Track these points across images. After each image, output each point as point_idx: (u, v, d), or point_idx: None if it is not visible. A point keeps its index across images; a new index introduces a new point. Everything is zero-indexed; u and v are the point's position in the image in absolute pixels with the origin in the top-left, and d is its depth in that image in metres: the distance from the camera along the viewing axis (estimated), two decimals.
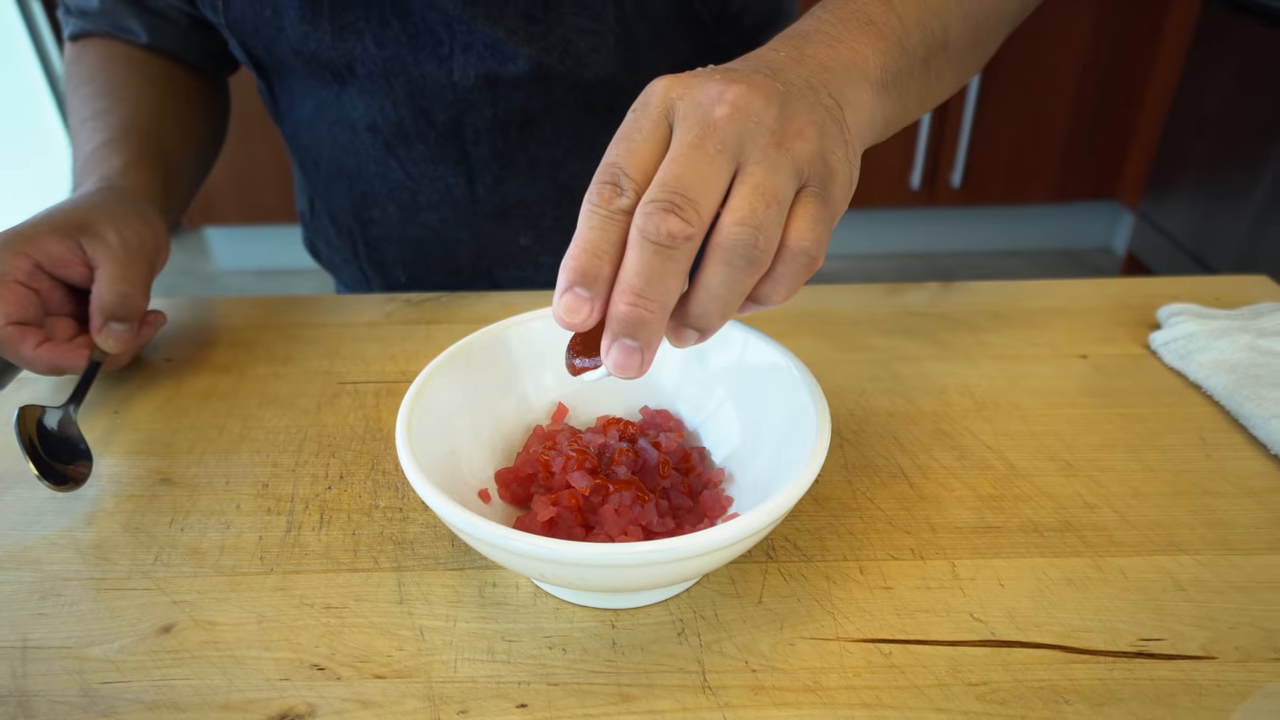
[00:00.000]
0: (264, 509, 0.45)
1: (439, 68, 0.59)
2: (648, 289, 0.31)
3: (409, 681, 0.36)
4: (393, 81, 0.61)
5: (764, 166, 0.32)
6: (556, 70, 0.59)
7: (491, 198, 0.65)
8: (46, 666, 0.37)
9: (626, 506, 0.39)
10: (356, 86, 0.62)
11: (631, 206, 0.31)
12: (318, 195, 0.73)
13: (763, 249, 0.31)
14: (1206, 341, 0.55)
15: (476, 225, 0.67)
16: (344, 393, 0.55)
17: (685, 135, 0.32)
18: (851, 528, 0.44)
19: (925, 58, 0.43)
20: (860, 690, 0.36)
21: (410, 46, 0.59)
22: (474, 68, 0.59)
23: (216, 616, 0.39)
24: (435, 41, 0.59)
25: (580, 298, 0.31)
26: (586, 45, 0.59)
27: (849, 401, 0.53)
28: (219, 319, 0.64)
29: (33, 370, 0.52)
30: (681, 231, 0.30)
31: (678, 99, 0.33)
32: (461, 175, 0.64)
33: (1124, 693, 0.35)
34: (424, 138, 0.63)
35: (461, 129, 0.62)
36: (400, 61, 0.60)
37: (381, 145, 0.64)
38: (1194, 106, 2.04)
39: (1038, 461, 0.48)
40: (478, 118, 0.62)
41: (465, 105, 0.61)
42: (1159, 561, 0.41)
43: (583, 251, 0.31)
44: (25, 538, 0.44)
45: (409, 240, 0.69)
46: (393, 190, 0.67)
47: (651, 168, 0.32)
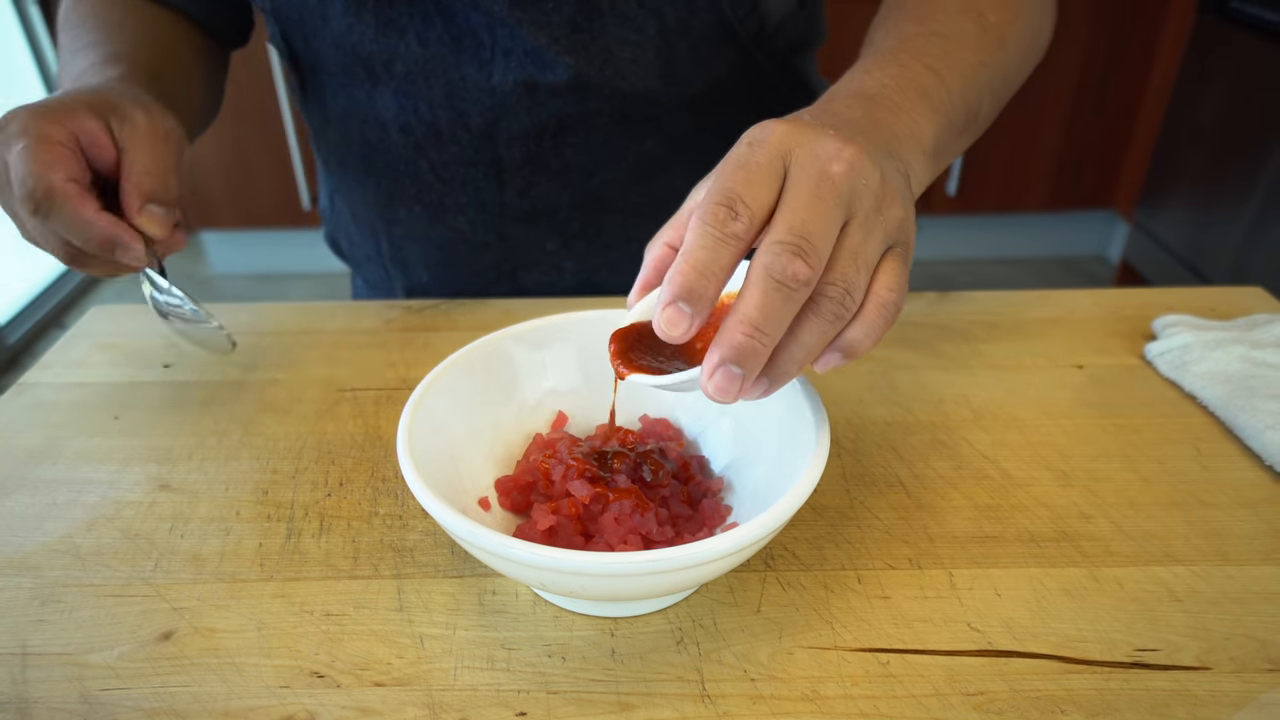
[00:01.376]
0: (264, 516, 0.46)
1: (479, 71, 0.60)
2: (765, 324, 0.32)
3: (409, 689, 0.36)
4: (432, 82, 0.61)
5: (862, 231, 0.34)
6: (595, 80, 0.60)
7: (520, 202, 0.66)
8: (46, 673, 0.37)
9: (626, 515, 0.39)
10: (392, 86, 0.62)
11: (744, 233, 0.32)
12: (340, 192, 0.73)
13: (848, 307, 0.33)
14: (1202, 353, 0.56)
15: (504, 228, 0.67)
16: (344, 400, 0.55)
17: (806, 183, 0.33)
18: (849, 537, 0.44)
19: (962, 129, 0.47)
20: (858, 699, 0.36)
21: (453, 48, 0.59)
22: (514, 73, 0.60)
23: (216, 623, 0.39)
24: (477, 44, 0.59)
25: (683, 313, 0.32)
26: (627, 57, 0.59)
27: (847, 411, 0.54)
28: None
29: (85, 242, 0.47)
30: (805, 277, 0.32)
31: (796, 147, 0.34)
32: (492, 178, 0.65)
33: (1120, 703, 0.35)
34: (458, 139, 0.63)
35: (496, 133, 0.62)
36: (441, 62, 0.60)
37: (412, 146, 0.64)
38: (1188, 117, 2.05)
39: (1034, 471, 0.48)
40: (513, 123, 0.62)
41: (502, 110, 0.61)
42: (1155, 572, 0.42)
43: (692, 269, 0.32)
44: (25, 544, 0.44)
45: (434, 241, 0.69)
46: (421, 191, 0.67)
47: (766, 202, 0.33)
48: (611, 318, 0.48)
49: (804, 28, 0.68)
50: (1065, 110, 2.19)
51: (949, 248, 2.54)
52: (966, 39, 0.49)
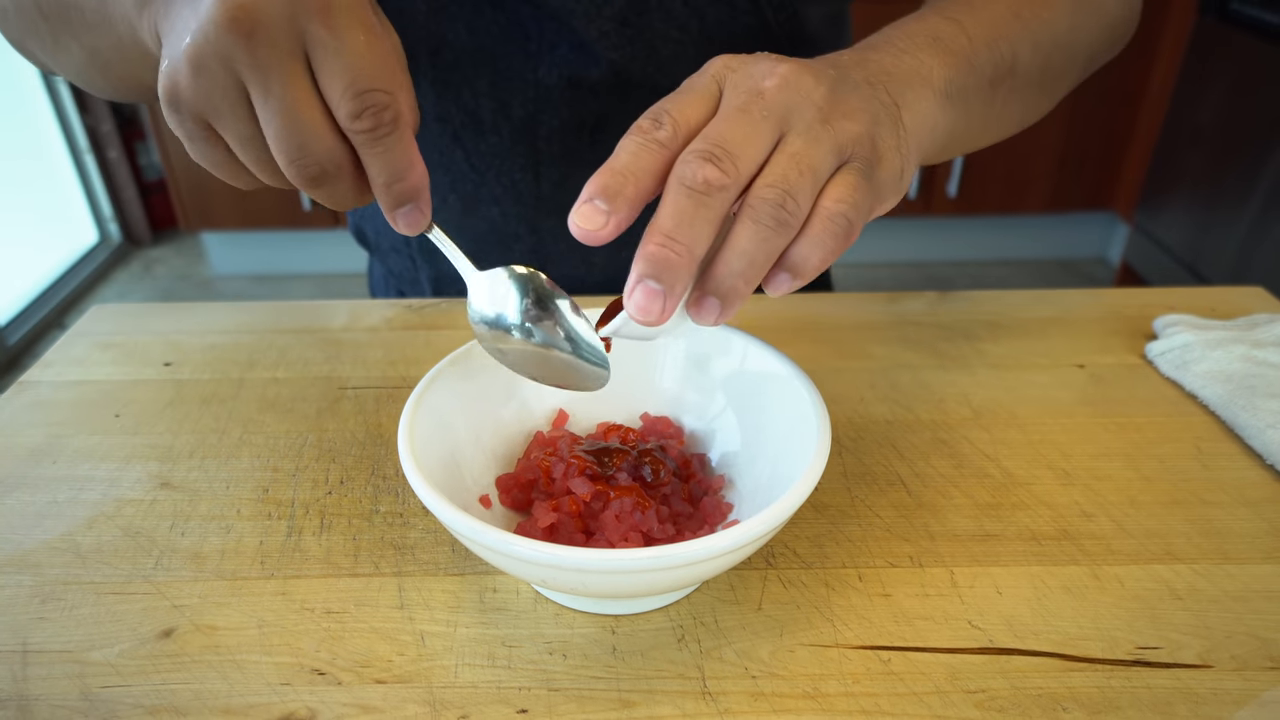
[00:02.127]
0: (264, 514, 0.46)
1: (525, 63, 0.60)
2: (677, 231, 0.31)
3: (410, 686, 0.36)
4: (478, 70, 0.61)
5: (804, 138, 0.33)
6: (636, 77, 0.60)
7: (555, 195, 0.66)
8: (47, 670, 0.37)
9: (627, 513, 0.39)
10: (433, 75, 0.61)
11: (668, 140, 0.32)
12: None
13: (790, 212, 0.32)
14: (1202, 352, 0.56)
15: (536, 221, 0.67)
16: (344, 398, 0.55)
17: (733, 99, 0.33)
18: (850, 535, 0.44)
19: (992, 79, 0.45)
20: (859, 697, 0.36)
21: (500, 38, 0.59)
22: (558, 67, 0.60)
23: (217, 621, 0.39)
24: (524, 36, 0.59)
25: (598, 209, 0.32)
26: (668, 53, 0.60)
27: (848, 409, 0.54)
28: (218, 323, 0.64)
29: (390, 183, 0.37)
30: (717, 181, 0.31)
31: (731, 71, 0.34)
32: (529, 171, 0.65)
33: (1122, 701, 0.35)
34: (498, 130, 0.63)
35: (536, 126, 0.62)
36: (488, 52, 0.60)
37: (449, 135, 0.64)
38: (1188, 118, 2.06)
39: (1035, 470, 0.48)
40: (554, 117, 0.62)
41: (544, 103, 0.61)
42: (1156, 571, 0.42)
43: (609, 170, 0.32)
44: (25, 542, 0.44)
45: (466, 232, 0.69)
46: (455, 181, 0.67)
47: (695, 120, 0.33)
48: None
49: (834, 33, 0.68)
50: (1065, 111, 2.20)
51: (949, 249, 2.54)
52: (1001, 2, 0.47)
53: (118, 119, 2.49)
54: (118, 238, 2.65)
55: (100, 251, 2.58)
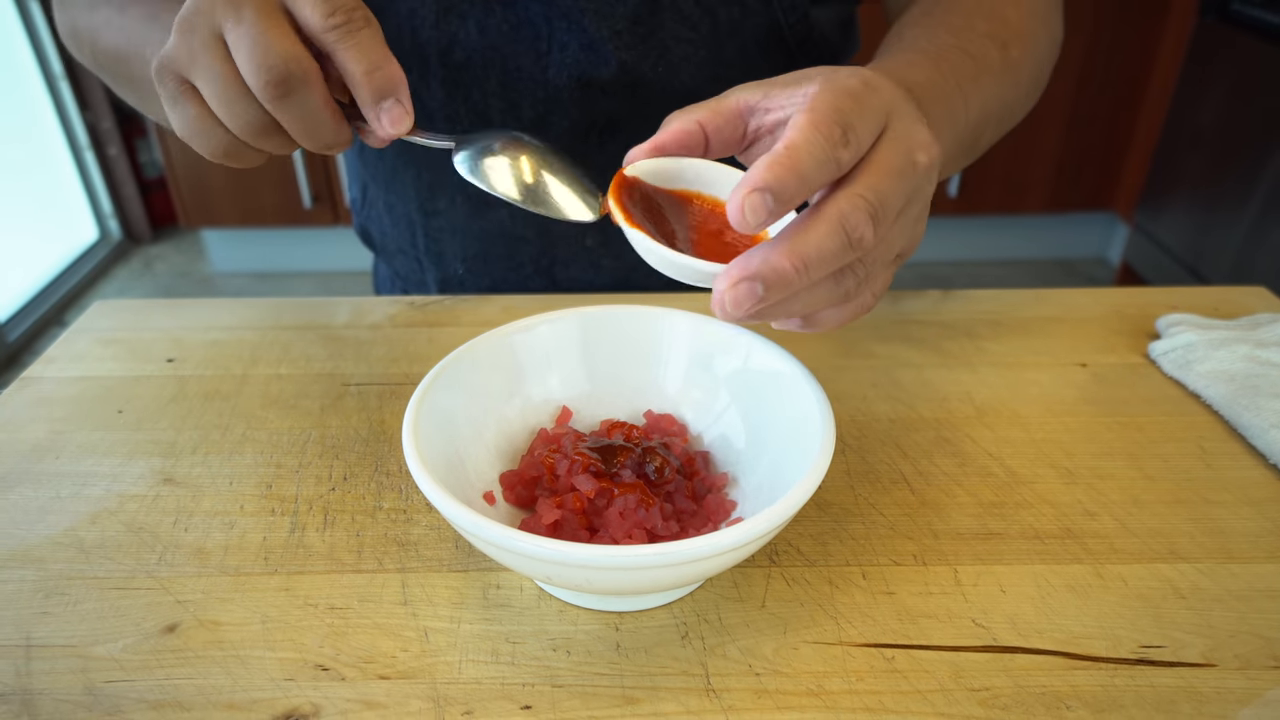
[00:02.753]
0: (268, 510, 0.46)
1: (535, 63, 0.60)
2: (814, 266, 0.31)
3: (413, 682, 0.36)
4: (487, 71, 0.61)
5: (901, 228, 0.34)
6: (647, 77, 0.60)
7: None
8: (50, 665, 0.37)
9: (631, 510, 0.39)
10: (443, 75, 0.61)
11: (847, 163, 0.32)
12: (376, 182, 0.73)
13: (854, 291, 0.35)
14: (1205, 351, 0.56)
15: (544, 223, 0.67)
16: (348, 394, 0.55)
17: (895, 156, 0.33)
18: (854, 533, 0.44)
19: (965, 154, 0.50)
20: (863, 694, 0.36)
21: (510, 37, 0.59)
22: (568, 68, 0.60)
23: (221, 616, 0.39)
24: (535, 35, 0.59)
25: (765, 204, 0.30)
26: (680, 54, 0.60)
27: (851, 408, 0.54)
28: (221, 320, 0.64)
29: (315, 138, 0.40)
30: (868, 242, 0.32)
31: (900, 114, 0.34)
32: None
33: (1125, 699, 0.35)
34: None
35: (546, 127, 0.62)
36: (498, 51, 0.60)
37: None
38: (1189, 119, 2.06)
39: (1038, 469, 0.48)
40: (564, 117, 0.62)
41: (554, 104, 0.61)
42: (1159, 569, 0.42)
43: (793, 168, 0.30)
44: (28, 537, 0.44)
45: (473, 233, 0.69)
46: (464, 182, 0.66)
47: (867, 145, 0.33)
48: (615, 313, 0.48)
49: (843, 37, 0.68)
50: (1066, 112, 2.20)
51: (949, 249, 2.54)
52: (991, 66, 0.50)
53: (118, 116, 2.49)
54: (118, 235, 2.64)
55: (100, 248, 2.57)
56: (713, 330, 0.47)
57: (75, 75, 2.39)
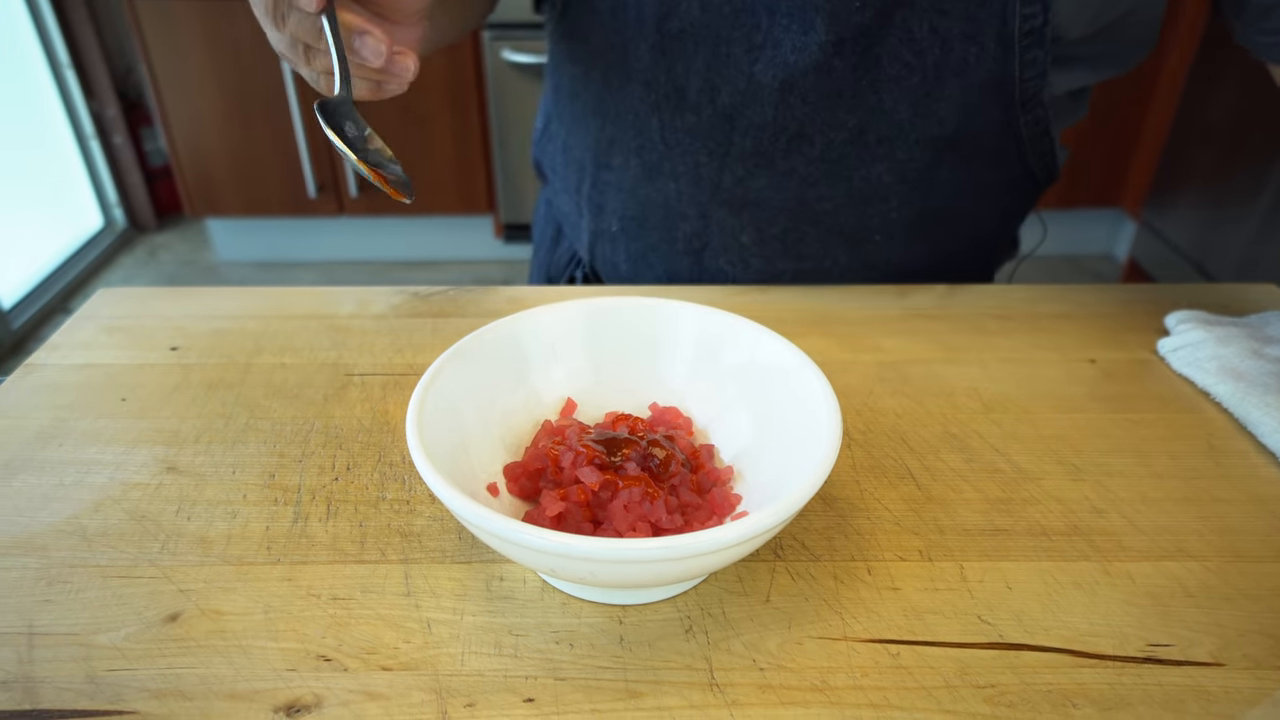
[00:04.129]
0: (271, 499, 0.45)
1: (746, 53, 0.59)
2: None
3: (416, 674, 0.36)
4: (698, 47, 0.60)
5: None
6: (849, 92, 0.59)
7: (735, 189, 0.65)
8: (53, 653, 0.37)
9: (635, 502, 0.39)
10: (654, 40, 0.61)
11: None
12: (560, 121, 0.73)
13: None
14: (1214, 349, 0.55)
15: (708, 208, 0.66)
16: (351, 384, 0.55)
17: None
18: (859, 528, 0.44)
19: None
20: (868, 690, 0.35)
21: (730, 20, 0.58)
22: (775, 68, 0.59)
23: (223, 606, 0.39)
24: (753, 24, 0.58)
25: None
26: (891, 74, 0.58)
27: (857, 402, 0.53)
28: (225, 308, 0.63)
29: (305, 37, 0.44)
30: None
31: None
32: (716, 159, 0.64)
33: (1132, 698, 0.35)
34: (698, 111, 0.62)
35: (736, 118, 0.61)
36: (713, 31, 0.59)
37: (651, 103, 0.63)
38: (1198, 115, 2.04)
39: (1046, 465, 0.48)
40: (757, 114, 0.61)
41: (751, 98, 0.60)
42: (1167, 567, 0.41)
43: None
44: (31, 524, 0.44)
45: (637, 197, 0.68)
46: (642, 146, 0.66)
47: None
48: (621, 304, 0.48)
49: (1071, 104, 0.66)
50: None
51: None
52: None
53: (123, 104, 2.48)
54: (122, 223, 2.64)
55: (105, 237, 2.57)
56: (720, 323, 0.47)
57: (81, 63, 2.38)
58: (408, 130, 2.19)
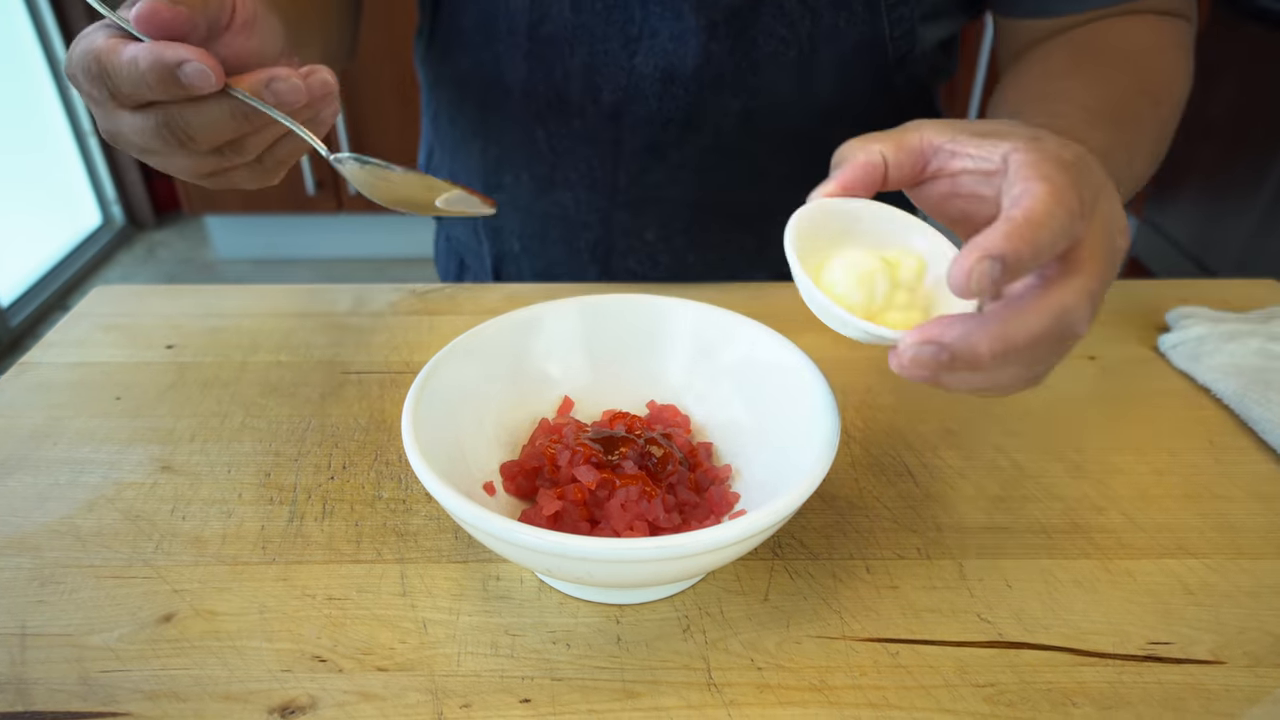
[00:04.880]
0: (266, 499, 0.45)
1: (623, 48, 0.59)
2: (1018, 356, 0.30)
3: (411, 674, 0.36)
4: (574, 50, 0.60)
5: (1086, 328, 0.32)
6: (729, 73, 0.59)
7: (632, 188, 0.65)
8: (46, 654, 0.36)
9: (633, 501, 0.39)
10: (528, 49, 0.61)
11: (1073, 238, 0.30)
12: (443, 150, 0.73)
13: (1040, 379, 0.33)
14: (1216, 345, 0.55)
15: (608, 211, 0.66)
16: (348, 383, 0.55)
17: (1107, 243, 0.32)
18: (858, 526, 0.43)
19: None
20: (866, 690, 0.35)
21: (604, 17, 0.58)
22: (655, 58, 0.59)
23: (218, 606, 0.39)
24: (627, 19, 0.58)
25: (991, 274, 0.28)
26: (768, 50, 0.58)
27: (855, 399, 0.53)
28: (221, 306, 0.63)
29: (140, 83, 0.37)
30: (1081, 337, 0.31)
31: (1105, 199, 0.32)
32: (608, 161, 0.63)
33: (1132, 696, 0.35)
34: (583, 115, 0.62)
35: (623, 115, 0.61)
36: (588, 32, 0.59)
37: (533, 114, 0.63)
38: (1198, 110, 2.04)
39: (1045, 463, 0.48)
40: (643, 108, 0.61)
41: (635, 93, 0.60)
42: (1168, 565, 0.41)
43: (1032, 244, 0.28)
44: (25, 524, 0.43)
45: (535, 213, 0.68)
46: (531, 160, 0.65)
47: None
48: (618, 302, 0.48)
49: (943, 58, 0.66)
50: None
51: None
52: (1145, 125, 0.48)
53: None
54: (121, 220, 2.64)
55: (103, 234, 2.57)
56: (716, 320, 0.47)
57: None
58: (405, 130, 2.19)
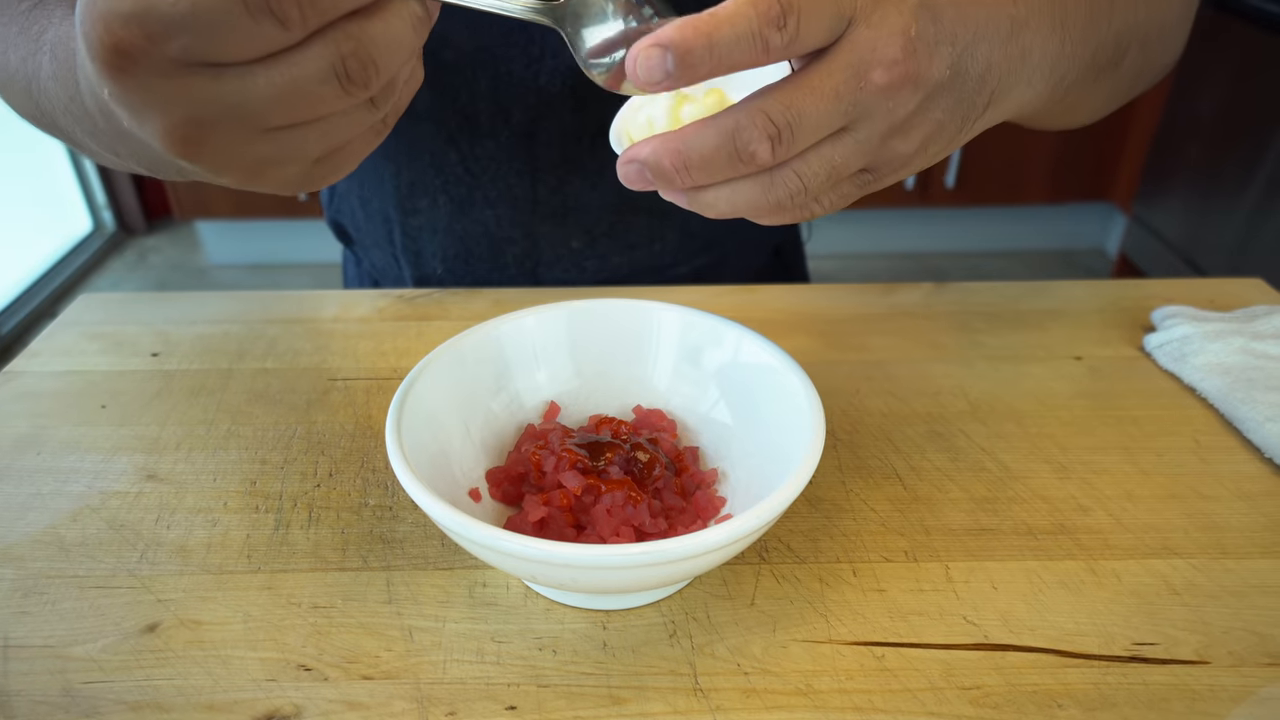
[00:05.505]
0: (252, 507, 0.45)
1: (527, 68, 0.59)
2: (697, 172, 0.30)
3: (397, 683, 0.36)
4: (478, 73, 0.60)
5: (855, 148, 0.31)
6: None
7: (551, 200, 0.65)
8: (28, 666, 0.36)
9: (619, 507, 0.39)
10: (430, 76, 0.60)
11: (778, 49, 0.28)
12: (349, 176, 0.72)
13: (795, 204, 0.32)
14: (1201, 344, 0.55)
15: (531, 225, 0.66)
16: (334, 389, 0.54)
17: (840, 70, 0.29)
18: (845, 529, 0.43)
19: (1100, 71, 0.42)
20: (852, 693, 0.35)
21: (503, 40, 0.58)
22: (561, 74, 0.58)
23: (202, 615, 0.39)
24: (527, 39, 0.58)
25: (664, 65, 0.27)
26: None
27: (843, 402, 0.53)
28: (208, 314, 0.63)
29: None
30: (763, 161, 0.30)
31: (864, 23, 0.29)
32: (526, 176, 0.63)
33: (1117, 697, 0.35)
34: (495, 134, 0.62)
35: (536, 131, 0.61)
36: (490, 54, 0.59)
37: (444, 137, 0.63)
38: (1187, 109, 2.05)
39: (1032, 464, 0.48)
40: (556, 122, 0.61)
41: (545, 109, 0.60)
42: (1153, 565, 0.41)
43: (705, 37, 0.27)
44: (8, 535, 0.43)
45: (455, 234, 0.68)
46: (447, 183, 0.65)
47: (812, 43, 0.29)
48: (603, 307, 0.48)
49: None
50: None
51: (946, 240, 2.53)
52: None
53: None
54: (112, 226, 2.63)
55: (94, 240, 2.56)
56: (702, 324, 0.47)
57: None
58: None
